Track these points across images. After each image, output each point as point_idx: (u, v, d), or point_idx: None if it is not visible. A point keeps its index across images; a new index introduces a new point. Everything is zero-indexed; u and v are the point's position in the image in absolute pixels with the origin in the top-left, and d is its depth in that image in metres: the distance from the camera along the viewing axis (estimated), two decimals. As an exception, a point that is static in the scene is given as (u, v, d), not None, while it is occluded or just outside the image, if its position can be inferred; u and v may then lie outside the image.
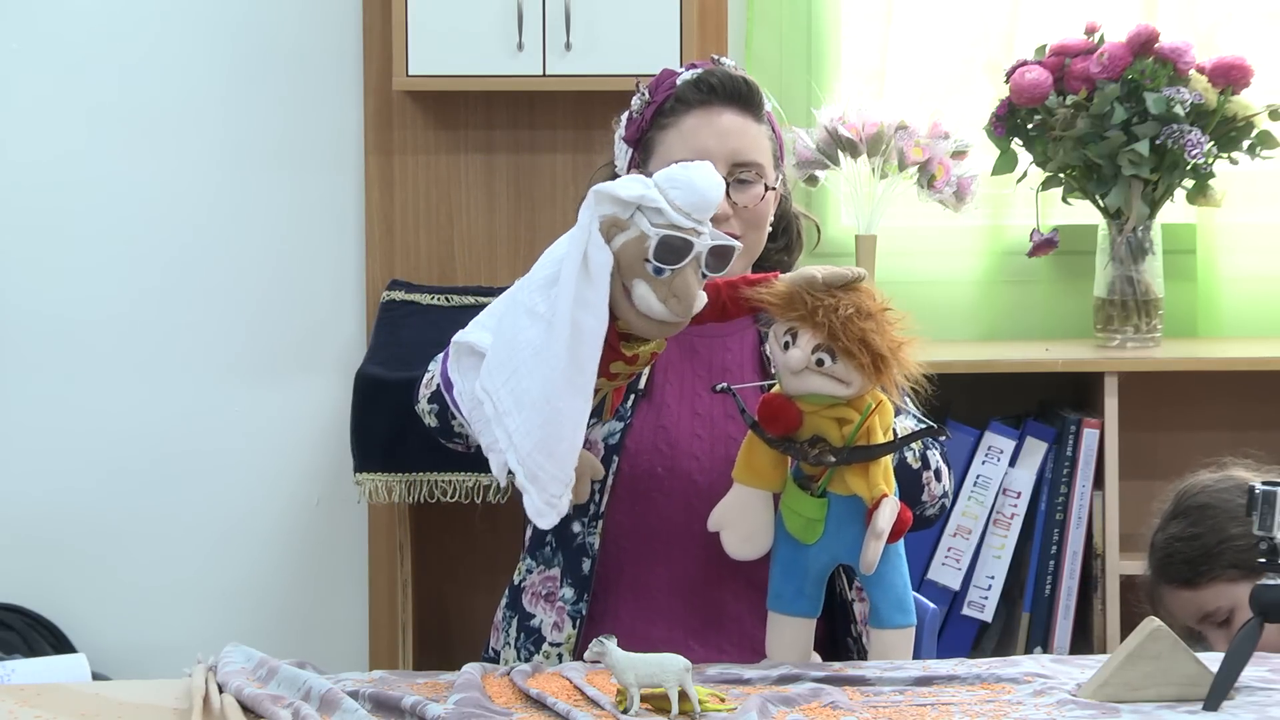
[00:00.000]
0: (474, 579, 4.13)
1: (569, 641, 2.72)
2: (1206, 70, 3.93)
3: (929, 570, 3.92)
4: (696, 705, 2.22)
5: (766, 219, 2.76)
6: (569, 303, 2.29)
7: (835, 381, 2.40)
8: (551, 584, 2.76)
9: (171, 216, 4.17)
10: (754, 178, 2.73)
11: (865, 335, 2.37)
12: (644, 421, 2.71)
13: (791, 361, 2.40)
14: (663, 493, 2.64)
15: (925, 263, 4.19)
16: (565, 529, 2.75)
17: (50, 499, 4.18)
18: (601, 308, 2.30)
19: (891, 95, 4.13)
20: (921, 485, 2.65)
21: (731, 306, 2.45)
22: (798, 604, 2.49)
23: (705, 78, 2.76)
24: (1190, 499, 2.90)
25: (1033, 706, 2.27)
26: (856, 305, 2.39)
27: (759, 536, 2.50)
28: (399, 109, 4.10)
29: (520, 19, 3.85)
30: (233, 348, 4.19)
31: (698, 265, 2.32)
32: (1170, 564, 2.88)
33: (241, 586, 4.20)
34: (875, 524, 2.39)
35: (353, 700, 2.25)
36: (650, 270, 2.30)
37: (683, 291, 2.32)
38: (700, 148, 2.72)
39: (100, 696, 2.33)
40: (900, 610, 2.49)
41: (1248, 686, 2.33)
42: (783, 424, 2.43)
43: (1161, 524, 2.93)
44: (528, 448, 2.31)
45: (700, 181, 2.34)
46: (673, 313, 2.32)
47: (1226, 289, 4.16)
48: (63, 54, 4.13)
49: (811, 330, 2.39)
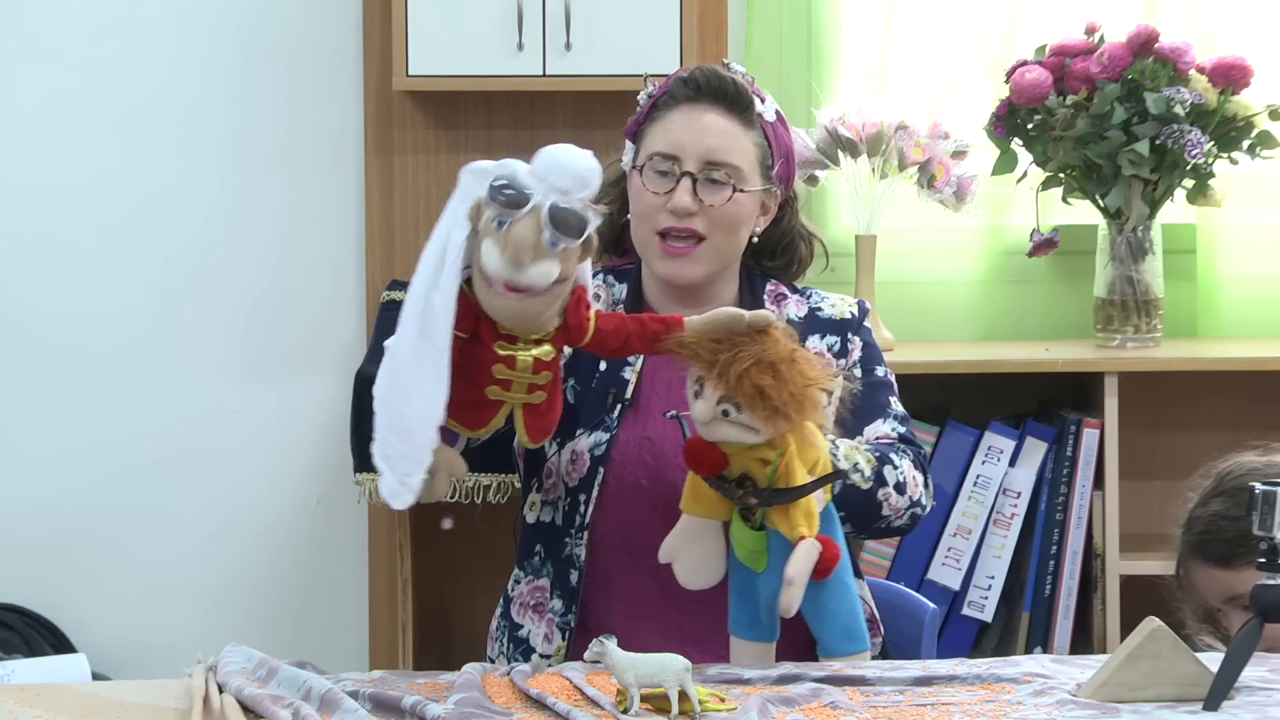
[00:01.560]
0: (474, 579, 4.13)
1: (559, 654, 2.72)
2: (1206, 70, 3.93)
3: (929, 570, 3.92)
4: (696, 705, 2.22)
5: (739, 223, 2.75)
6: (422, 282, 2.32)
7: (744, 429, 2.40)
8: (540, 594, 2.76)
9: (171, 216, 4.17)
10: (724, 179, 2.73)
11: (762, 388, 2.37)
12: (629, 433, 2.71)
13: (697, 413, 2.42)
14: (648, 503, 2.63)
15: (925, 263, 4.19)
16: (554, 540, 2.75)
17: (50, 499, 4.18)
18: (450, 285, 2.31)
19: (891, 95, 4.14)
20: (877, 503, 2.65)
21: (637, 341, 2.46)
22: (755, 629, 2.51)
23: (694, 75, 2.77)
24: (1235, 479, 2.87)
25: (1033, 706, 2.27)
26: (757, 356, 2.39)
27: (709, 567, 2.51)
28: (399, 109, 4.10)
29: (520, 19, 3.85)
30: (232, 348, 4.19)
31: (537, 223, 2.32)
32: (1208, 541, 2.84)
33: (241, 586, 4.20)
34: (786, 571, 2.40)
35: (353, 700, 2.25)
36: (495, 226, 2.31)
37: (515, 242, 2.30)
38: (675, 142, 2.74)
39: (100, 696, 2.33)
40: (849, 639, 2.49)
41: (1248, 686, 2.33)
42: (707, 466, 2.44)
43: (1202, 500, 2.90)
44: (380, 428, 2.34)
45: (559, 152, 2.35)
46: (509, 267, 2.31)
47: (1226, 289, 4.16)
48: (63, 54, 4.14)
49: (714, 382, 2.39)
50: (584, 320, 2.43)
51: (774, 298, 2.83)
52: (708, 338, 2.41)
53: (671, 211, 2.72)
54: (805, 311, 2.82)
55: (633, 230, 2.79)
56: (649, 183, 2.75)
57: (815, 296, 2.85)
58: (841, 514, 2.59)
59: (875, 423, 2.75)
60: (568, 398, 2.75)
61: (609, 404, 2.73)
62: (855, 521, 2.66)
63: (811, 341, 2.78)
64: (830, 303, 2.84)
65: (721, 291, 2.80)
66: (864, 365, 2.80)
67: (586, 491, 2.71)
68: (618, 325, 2.45)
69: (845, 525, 2.64)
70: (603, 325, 2.45)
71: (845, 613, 2.49)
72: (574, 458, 2.72)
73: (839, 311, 2.82)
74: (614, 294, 2.83)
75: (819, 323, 2.81)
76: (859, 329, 2.82)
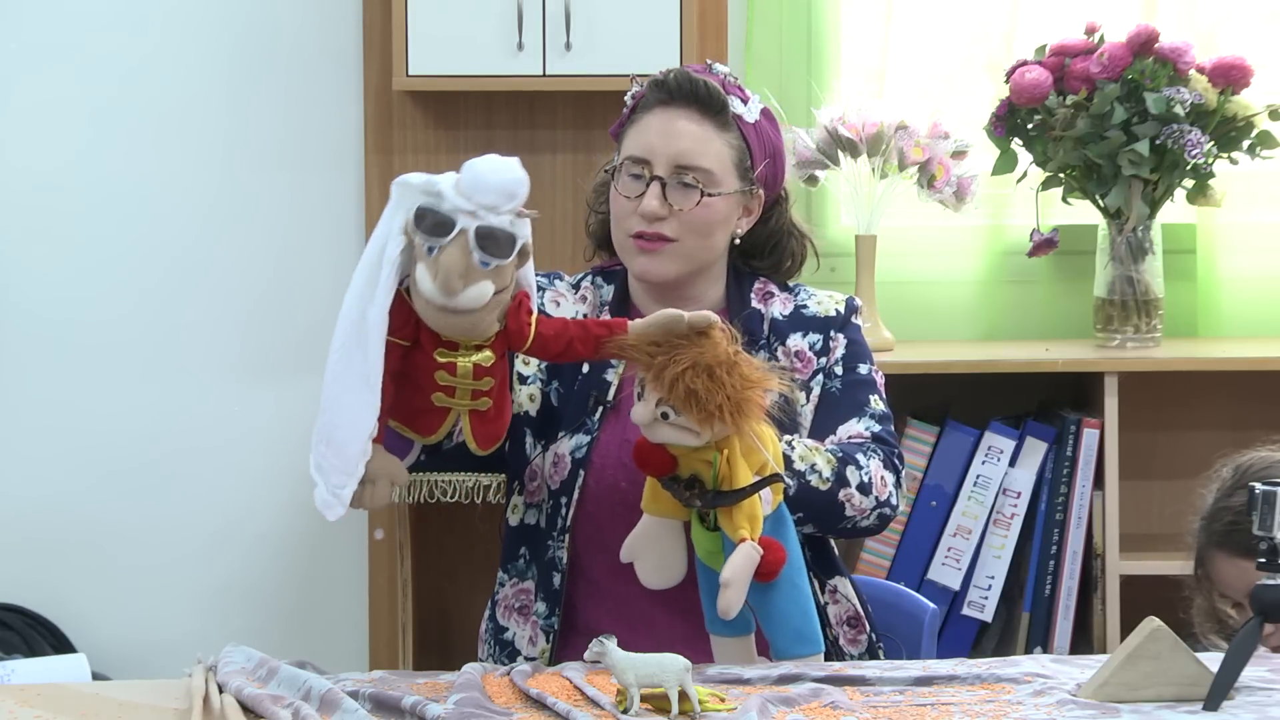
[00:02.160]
0: (474, 579, 4.12)
1: (543, 656, 2.72)
2: (1206, 70, 3.93)
3: (929, 570, 3.91)
4: (696, 705, 2.22)
5: (710, 226, 2.75)
6: (355, 295, 2.36)
7: (684, 431, 2.41)
8: (525, 597, 2.76)
9: (171, 216, 4.17)
10: (694, 183, 2.73)
11: (696, 391, 2.37)
12: (610, 435, 2.72)
13: (636, 416, 2.43)
14: (628, 506, 2.63)
15: (925, 263, 4.19)
16: (537, 542, 2.76)
17: (50, 499, 4.18)
18: (383, 298, 2.34)
19: (891, 95, 4.13)
20: (839, 504, 2.65)
21: (580, 345, 2.46)
22: (729, 625, 2.51)
23: (666, 79, 2.77)
24: (1257, 472, 2.86)
25: (1033, 706, 2.27)
26: (693, 359, 2.39)
27: (670, 566, 2.52)
28: (399, 109, 4.10)
29: (520, 19, 3.85)
30: (232, 347, 4.18)
31: (466, 245, 2.33)
32: (1236, 531, 2.83)
33: (241, 586, 4.20)
34: (723, 573, 2.40)
35: (353, 700, 2.25)
36: (425, 250, 2.33)
37: (445, 270, 2.32)
38: (646, 145, 2.75)
39: (100, 696, 2.33)
40: (799, 641, 2.49)
41: (1248, 686, 2.33)
42: (655, 467, 2.45)
43: (1225, 492, 2.88)
44: (314, 440, 2.38)
45: (483, 166, 2.36)
46: (442, 291, 2.33)
47: (1226, 289, 4.16)
48: (63, 54, 4.13)
49: (652, 385, 2.40)
50: (524, 325, 2.44)
51: (761, 296, 2.83)
52: (648, 340, 2.42)
53: (641, 216, 2.73)
54: (791, 309, 2.82)
55: (611, 232, 2.80)
56: (622, 186, 2.76)
57: (803, 294, 2.85)
58: (800, 515, 2.60)
59: (850, 421, 2.74)
60: (551, 400, 2.76)
61: (590, 406, 2.73)
62: (818, 523, 2.66)
63: (794, 339, 2.78)
64: (817, 300, 2.83)
65: (706, 291, 2.80)
66: (846, 363, 2.79)
67: (568, 494, 2.71)
68: (559, 330, 2.46)
69: (807, 526, 2.64)
70: (544, 330, 2.45)
71: (796, 615, 2.49)
72: (555, 460, 2.73)
73: (824, 309, 2.82)
74: (602, 295, 2.84)
75: (803, 320, 2.81)
76: (844, 326, 2.81)
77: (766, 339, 2.78)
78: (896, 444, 2.75)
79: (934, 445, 3.93)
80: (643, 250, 2.75)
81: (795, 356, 2.77)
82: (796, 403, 2.73)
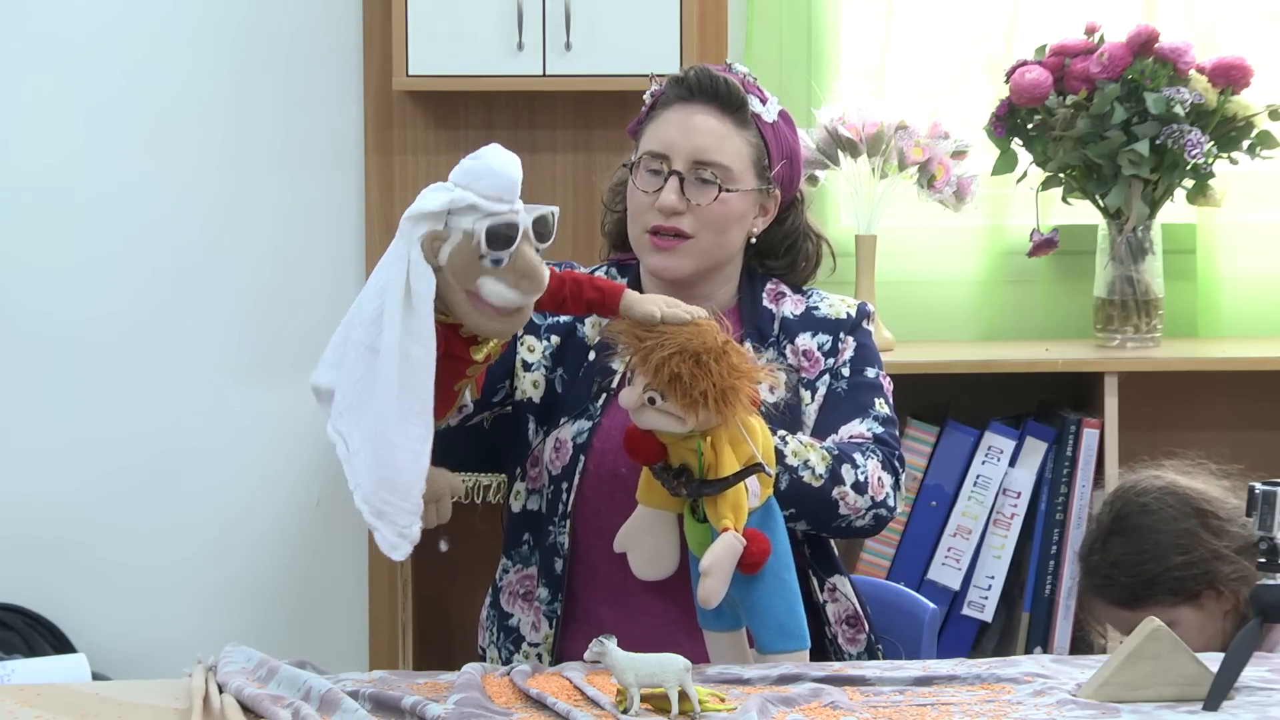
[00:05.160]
0: (474, 579, 4.12)
1: (546, 641, 2.72)
2: (1206, 70, 3.93)
3: (929, 570, 3.92)
4: (696, 705, 2.22)
5: (727, 223, 2.76)
6: (396, 334, 2.30)
7: (671, 418, 2.41)
8: (529, 583, 2.77)
9: (171, 216, 4.17)
10: (712, 178, 2.74)
11: (680, 376, 2.38)
12: (612, 421, 2.72)
13: (624, 400, 2.43)
14: (627, 492, 2.63)
15: (925, 263, 4.19)
16: (539, 528, 2.76)
17: (50, 499, 4.18)
18: (428, 335, 2.31)
19: (891, 95, 4.14)
20: (833, 501, 2.65)
21: (571, 303, 2.47)
22: (720, 620, 2.52)
23: (687, 76, 2.79)
24: (1131, 517, 2.85)
25: (1033, 706, 2.27)
26: (681, 345, 2.40)
27: (663, 557, 2.53)
28: (399, 109, 4.10)
29: (520, 19, 3.85)
30: (232, 347, 4.19)
31: (529, 241, 2.34)
32: (1110, 587, 2.84)
33: (241, 586, 4.20)
34: (702, 562, 2.40)
35: (353, 700, 2.25)
36: (489, 264, 2.32)
37: (528, 269, 2.34)
38: (665, 141, 2.75)
39: (100, 696, 2.33)
40: (784, 636, 2.48)
41: (1248, 686, 2.33)
42: (643, 454, 2.46)
43: (1100, 539, 2.86)
44: (370, 486, 2.32)
45: (496, 164, 2.35)
46: (527, 293, 2.34)
47: (1226, 289, 4.16)
48: (63, 54, 4.13)
49: (640, 369, 2.40)
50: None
51: (773, 297, 2.84)
52: (639, 324, 2.43)
53: (659, 210, 2.74)
54: (802, 310, 2.82)
55: (628, 227, 2.80)
56: (640, 181, 2.77)
57: (815, 296, 2.85)
58: (792, 510, 2.60)
59: (853, 422, 2.74)
60: (555, 387, 2.77)
61: (594, 392, 2.74)
62: (811, 520, 2.66)
63: (803, 338, 2.79)
64: (829, 303, 2.84)
65: (718, 290, 2.81)
66: (854, 365, 2.80)
67: (569, 479, 2.72)
68: (555, 287, 2.44)
69: (800, 523, 2.64)
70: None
71: (781, 609, 2.48)
72: (557, 445, 2.74)
73: (835, 311, 2.83)
74: None
75: (813, 321, 2.81)
76: (855, 330, 2.82)
77: (776, 337, 2.79)
78: (898, 447, 2.75)
79: (934, 445, 3.94)
80: (658, 248, 2.75)
81: (804, 355, 2.78)
82: (801, 401, 2.73)
